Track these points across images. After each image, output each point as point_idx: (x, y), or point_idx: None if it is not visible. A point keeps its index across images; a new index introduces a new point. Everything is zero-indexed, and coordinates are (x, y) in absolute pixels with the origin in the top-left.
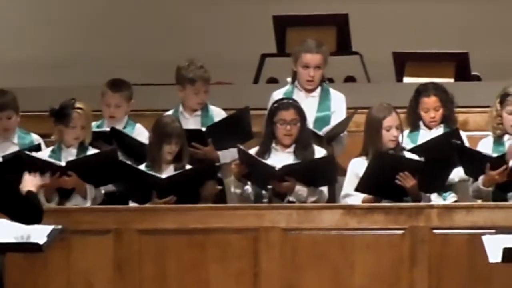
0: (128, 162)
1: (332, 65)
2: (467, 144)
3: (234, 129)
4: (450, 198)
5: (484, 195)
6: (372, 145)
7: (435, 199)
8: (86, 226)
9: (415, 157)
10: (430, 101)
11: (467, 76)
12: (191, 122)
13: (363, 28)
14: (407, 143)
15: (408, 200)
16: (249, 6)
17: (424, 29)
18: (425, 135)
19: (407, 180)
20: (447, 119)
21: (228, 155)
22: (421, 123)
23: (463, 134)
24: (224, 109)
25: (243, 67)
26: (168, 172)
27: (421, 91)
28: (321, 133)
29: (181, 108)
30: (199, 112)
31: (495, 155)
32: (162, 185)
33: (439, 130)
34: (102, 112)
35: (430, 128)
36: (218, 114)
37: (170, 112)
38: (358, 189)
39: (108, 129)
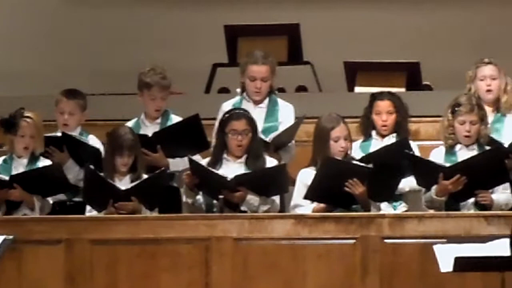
0: (91, 167)
1: (284, 74)
2: (417, 153)
3: (186, 137)
4: (401, 207)
5: (437, 205)
6: (320, 155)
7: (386, 208)
8: (37, 236)
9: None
10: (384, 104)
11: (419, 86)
12: (151, 129)
13: (314, 38)
14: (359, 153)
15: (357, 208)
16: (201, 16)
17: (376, 38)
18: (376, 145)
19: (356, 187)
20: (400, 128)
21: (181, 163)
22: (373, 133)
23: (414, 144)
24: None
25: (194, 77)
26: (124, 182)
27: (376, 95)
28: (267, 139)
29: (142, 116)
30: (159, 120)
31: (448, 164)
32: (120, 196)
33: (391, 140)
34: (56, 120)
35: (382, 135)
36: None
37: (133, 121)
38: (307, 196)
39: (59, 134)
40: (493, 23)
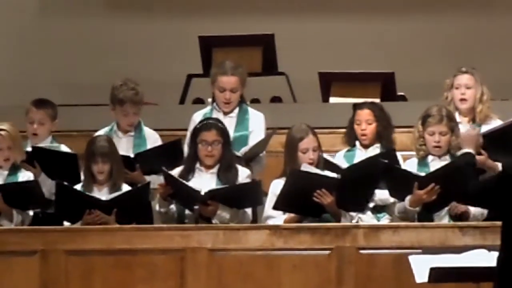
0: (65, 183)
1: (258, 85)
2: (402, 165)
3: (164, 156)
4: (384, 219)
5: (410, 215)
6: (289, 165)
7: (370, 220)
8: (12, 247)
9: (332, 174)
10: (363, 113)
11: (393, 96)
12: (123, 141)
13: (289, 49)
14: (343, 162)
15: (328, 217)
16: (175, 27)
17: (350, 49)
18: (360, 155)
19: (324, 197)
20: (382, 138)
21: (157, 181)
22: (357, 143)
23: (399, 154)
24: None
25: (169, 88)
26: (103, 192)
27: (357, 105)
28: (239, 153)
29: (115, 127)
30: (132, 133)
31: (423, 174)
32: (100, 207)
33: (375, 150)
34: (26, 130)
35: (364, 146)
36: (151, 135)
37: (105, 129)
38: (276, 207)
39: (29, 149)
40: (468, 33)
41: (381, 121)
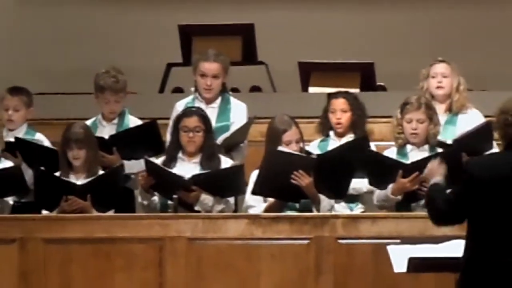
0: (42, 168)
1: (238, 75)
2: None
3: (142, 141)
4: (357, 209)
5: (390, 204)
6: None
7: (342, 209)
8: None
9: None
10: (338, 102)
11: (373, 86)
12: (107, 130)
13: (269, 38)
14: (317, 152)
15: (307, 204)
16: (155, 15)
17: (330, 39)
18: (334, 145)
19: (302, 178)
20: (356, 128)
21: (136, 166)
22: (331, 133)
23: (372, 144)
24: None
25: (148, 77)
26: (80, 180)
27: (332, 94)
28: (217, 141)
29: (100, 116)
30: (116, 121)
31: (408, 162)
32: (76, 191)
33: (349, 140)
34: (1, 117)
35: (339, 135)
36: (134, 123)
37: (91, 120)
38: (254, 191)
39: (12, 139)
40: (447, 24)
41: (355, 110)
